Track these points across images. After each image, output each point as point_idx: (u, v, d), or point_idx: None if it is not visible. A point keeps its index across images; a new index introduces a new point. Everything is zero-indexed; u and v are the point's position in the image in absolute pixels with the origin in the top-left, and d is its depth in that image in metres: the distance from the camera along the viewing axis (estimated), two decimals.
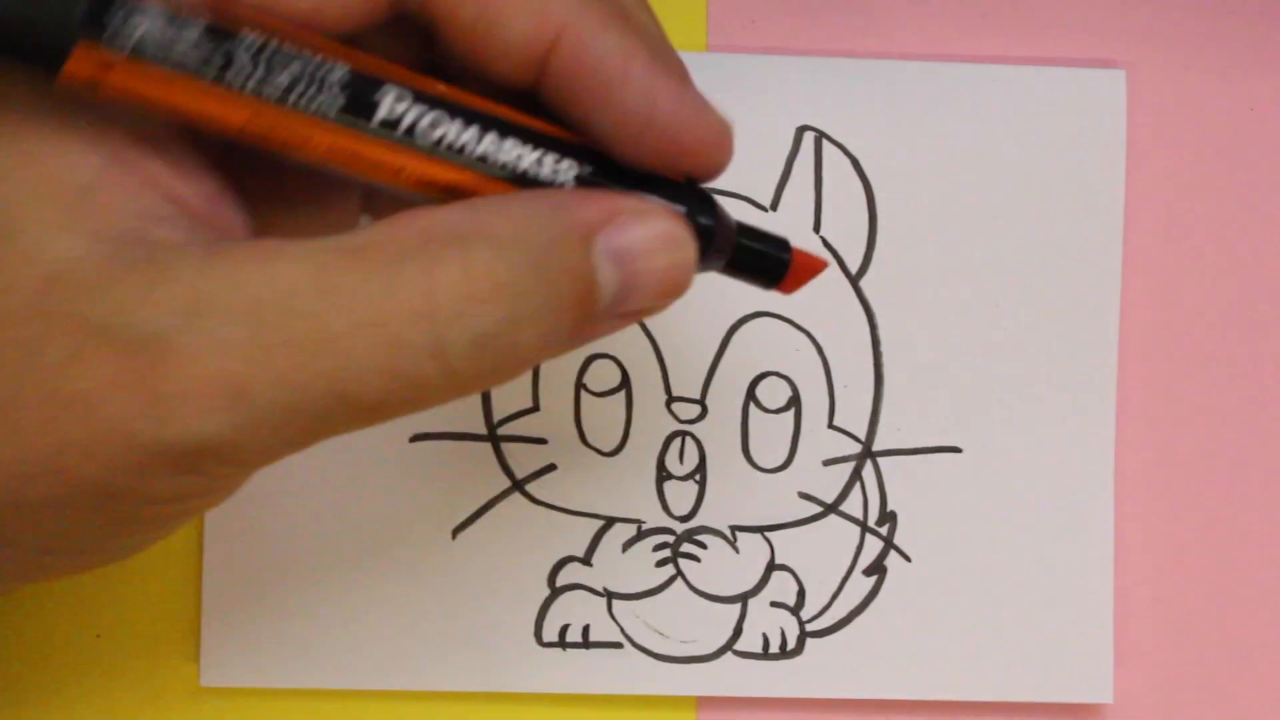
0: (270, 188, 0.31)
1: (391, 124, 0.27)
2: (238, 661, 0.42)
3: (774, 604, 0.42)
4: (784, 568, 0.42)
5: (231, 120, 0.27)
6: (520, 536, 0.42)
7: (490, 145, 0.28)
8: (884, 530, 0.42)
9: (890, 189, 0.43)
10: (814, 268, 0.32)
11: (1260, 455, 0.43)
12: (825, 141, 0.42)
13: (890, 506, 0.43)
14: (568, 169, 0.28)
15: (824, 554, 0.42)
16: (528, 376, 0.42)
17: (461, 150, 0.28)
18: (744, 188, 0.42)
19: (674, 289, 0.29)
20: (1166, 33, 0.43)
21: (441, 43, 0.29)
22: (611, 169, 0.29)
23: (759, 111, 0.42)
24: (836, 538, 0.43)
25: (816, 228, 0.42)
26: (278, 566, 0.42)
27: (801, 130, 0.42)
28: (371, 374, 0.27)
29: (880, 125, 0.42)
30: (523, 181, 0.28)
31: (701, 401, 0.42)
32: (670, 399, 0.42)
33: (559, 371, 0.42)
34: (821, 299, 0.42)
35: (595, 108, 0.28)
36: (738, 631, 0.42)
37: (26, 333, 0.26)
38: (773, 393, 0.43)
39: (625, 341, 0.42)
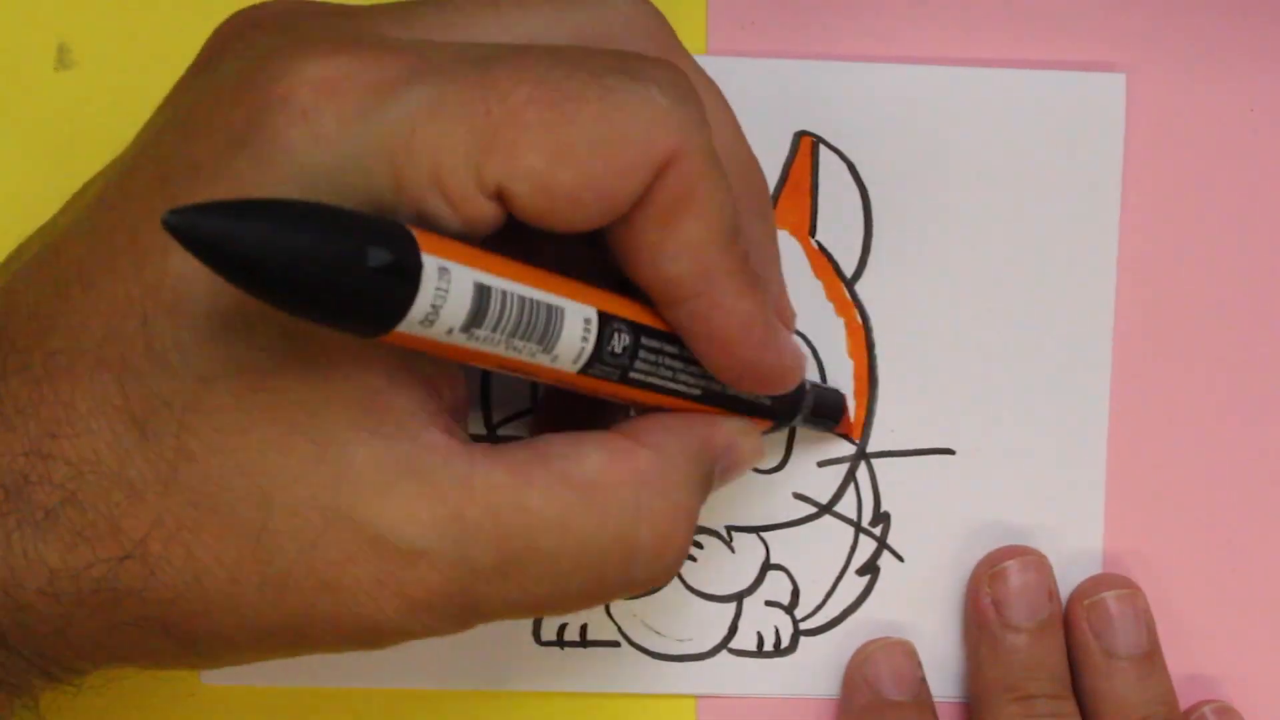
0: None
1: (611, 362, 0.32)
2: None
3: (769, 603, 0.43)
4: (779, 567, 0.43)
5: (485, 364, 0.30)
6: None
7: (669, 381, 0.34)
8: (877, 531, 0.43)
9: (887, 193, 0.43)
10: (851, 425, 0.43)
11: (1255, 459, 0.43)
12: (822, 146, 0.43)
13: (884, 507, 0.43)
14: (697, 388, 0.35)
15: (818, 554, 0.43)
16: None
17: (648, 384, 0.33)
18: None
19: (742, 475, 0.37)
20: (1166, 35, 0.43)
21: (610, 249, 0.32)
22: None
23: (757, 115, 0.42)
24: (830, 538, 0.43)
25: (812, 232, 0.43)
26: None
27: (799, 135, 0.43)
28: (572, 599, 0.32)
29: (878, 129, 0.43)
30: (674, 395, 0.34)
31: None
32: None
33: None
34: (816, 302, 0.43)
35: (709, 353, 0.33)
36: (733, 630, 0.43)
37: (310, 524, 0.30)
38: None
39: None
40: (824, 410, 0.41)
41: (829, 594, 0.43)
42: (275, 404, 0.29)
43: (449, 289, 0.28)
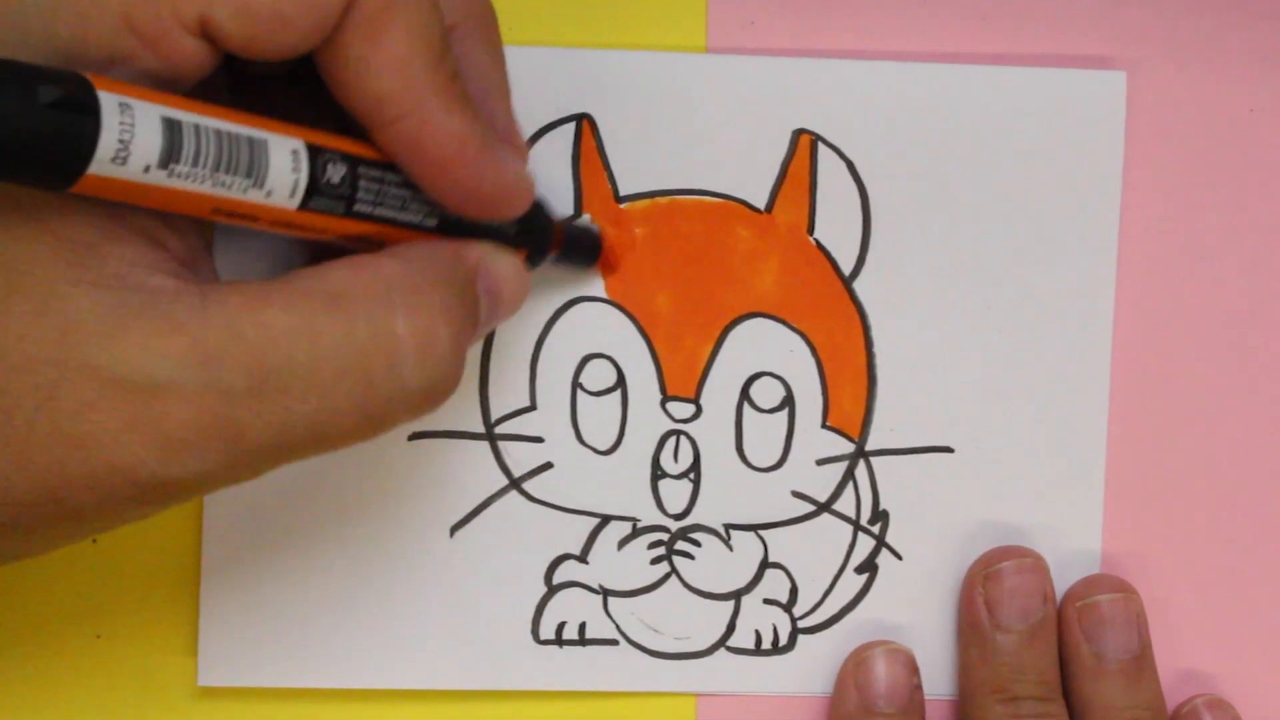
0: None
1: (331, 194, 0.32)
2: (236, 661, 0.42)
3: (767, 601, 0.43)
4: (777, 565, 0.43)
5: (196, 213, 0.30)
6: (517, 534, 0.43)
7: (399, 212, 0.34)
8: (876, 529, 0.43)
9: (885, 191, 0.43)
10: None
11: (1254, 458, 0.43)
12: (821, 144, 0.42)
13: (882, 505, 0.43)
14: (432, 217, 0.35)
15: (816, 552, 0.43)
16: (525, 375, 0.42)
17: (376, 216, 0.33)
18: (740, 190, 0.42)
19: (515, 310, 0.36)
20: (1167, 33, 0.43)
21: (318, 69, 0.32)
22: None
23: (756, 113, 0.42)
24: (829, 536, 0.43)
25: (810, 230, 0.43)
26: (276, 566, 0.42)
27: (798, 133, 0.42)
28: (347, 415, 0.31)
29: (877, 127, 0.43)
30: (409, 227, 0.34)
31: (696, 401, 0.43)
32: (665, 398, 0.43)
33: (555, 371, 0.42)
34: (815, 300, 0.43)
35: (429, 176, 0.33)
36: (731, 628, 0.43)
37: (42, 379, 0.29)
38: (767, 392, 0.43)
39: (621, 342, 0.42)
40: (578, 245, 0.41)
41: (827, 592, 0.43)
42: None
43: (134, 124, 0.28)
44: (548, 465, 0.43)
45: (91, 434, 0.29)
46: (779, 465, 0.43)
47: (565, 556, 0.43)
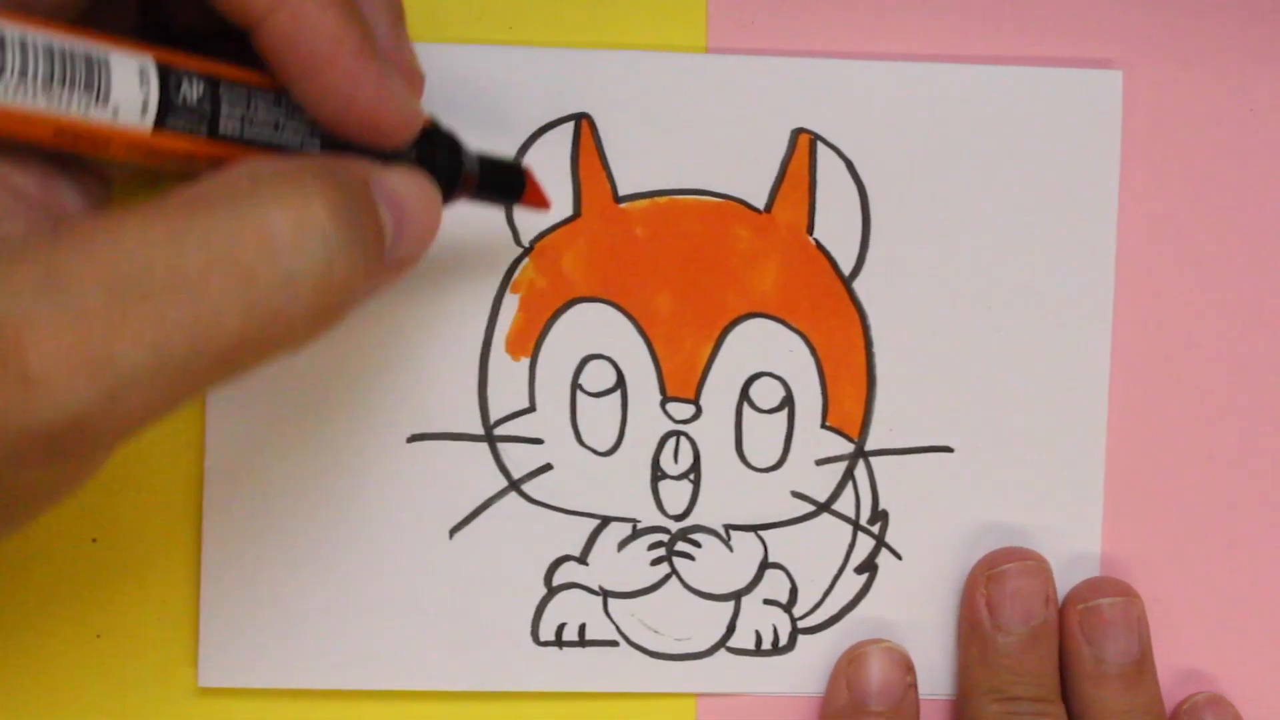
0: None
1: (189, 115, 0.30)
2: (236, 662, 0.42)
3: (767, 601, 0.43)
4: (777, 566, 0.43)
5: (39, 137, 0.28)
6: (517, 536, 0.43)
7: (273, 134, 0.32)
8: (876, 529, 0.43)
9: (885, 190, 0.43)
10: (538, 195, 0.40)
11: (1254, 457, 0.43)
12: (820, 144, 0.43)
13: (882, 505, 0.43)
14: (314, 140, 0.33)
15: (816, 552, 0.43)
16: (524, 377, 0.42)
17: (247, 138, 0.32)
18: (739, 190, 0.42)
19: (431, 230, 0.34)
20: (1165, 33, 0.43)
21: None
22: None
23: (755, 113, 0.42)
24: (829, 536, 0.43)
25: (810, 230, 0.43)
26: (276, 567, 0.42)
27: (797, 133, 0.42)
28: (228, 314, 0.28)
29: (876, 127, 0.43)
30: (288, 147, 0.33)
31: (696, 402, 0.43)
32: (665, 399, 0.43)
33: (555, 372, 0.42)
34: (815, 300, 0.43)
35: (303, 79, 0.31)
36: (731, 629, 0.43)
37: None
38: (766, 393, 0.43)
39: (620, 342, 0.42)
40: (497, 180, 0.38)
41: (827, 592, 0.43)
42: None
43: None
44: (547, 467, 0.43)
45: None
46: (779, 465, 0.43)
47: (565, 558, 0.43)
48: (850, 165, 0.43)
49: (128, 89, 0.29)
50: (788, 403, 0.43)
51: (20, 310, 0.26)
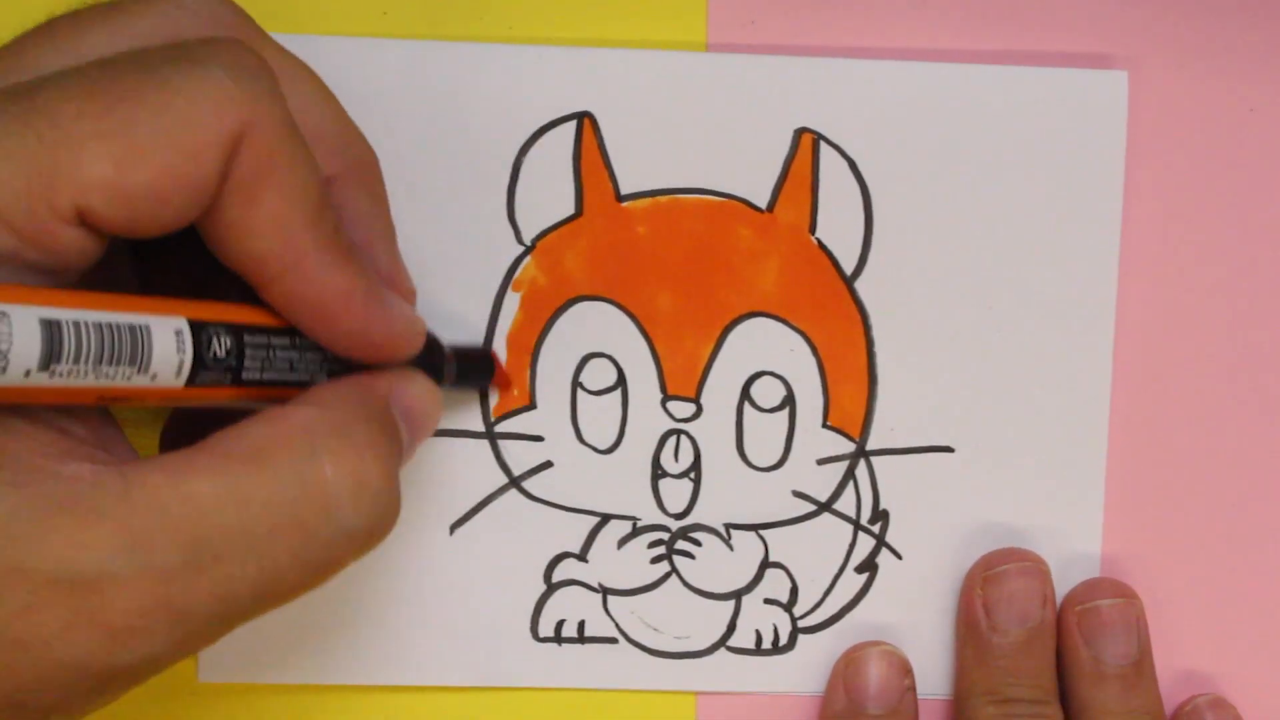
0: None
1: (217, 368, 0.32)
2: (235, 657, 0.42)
3: (767, 600, 0.43)
4: (777, 565, 0.43)
5: (83, 401, 0.30)
6: (517, 532, 0.43)
7: (287, 374, 0.33)
8: (876, 528, 0.43)
9: (887, 190, 0.43)
10: (506, 378, 0.42)
11: (1255, 458, 0.43)
12: (823, 143, 0.42)
13: (883, 505, 0.43)
14: (323, 365, 0.34)
15: (817, 551, 0.43)
16: (525, 374, 0.42)
17: (265, 380, 0.33)
18: (741, 189, 0.42)
19: (434, 427, 0.37)
20: (1168, 33, 0.43)
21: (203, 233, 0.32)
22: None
23: (758, 113, 0.42)
24: (829, 535, 0.43)
25: (812, 229, 0.43)
26: None
27: (799, 132, 0.42)
28: (289, 570, 0.31)
29: (879, 126, 0.43)
30: (298, 387, 0.34)
31: (696, 400, 0.43)
32: (665, 398, 0.43)
33: (556, 370, 0.43)
34: (816, 300, 0.43)
35: (314, 328, 0.33)
36: (731, 627, 0.43)
37: None
38: (767, 392, 0.43)
39: (621, 340, 0.42)
40: (470, 371, 0.41)
41: (827, 592, 0.43)
42: None
43: (12, 332, 0.27)
44: (547, 464, 0.43)
45: (35, 635, 0.28)
46: (779, 465, 0.43)
47: (565, 555, 0.43)
48: (853, 165, 0.43)
49: (166, 355, 0.30)
50: (789, 402, 0.43)
51: (104, 568, 0.28)
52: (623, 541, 0.43)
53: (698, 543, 0.43)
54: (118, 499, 0.29)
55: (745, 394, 0.43)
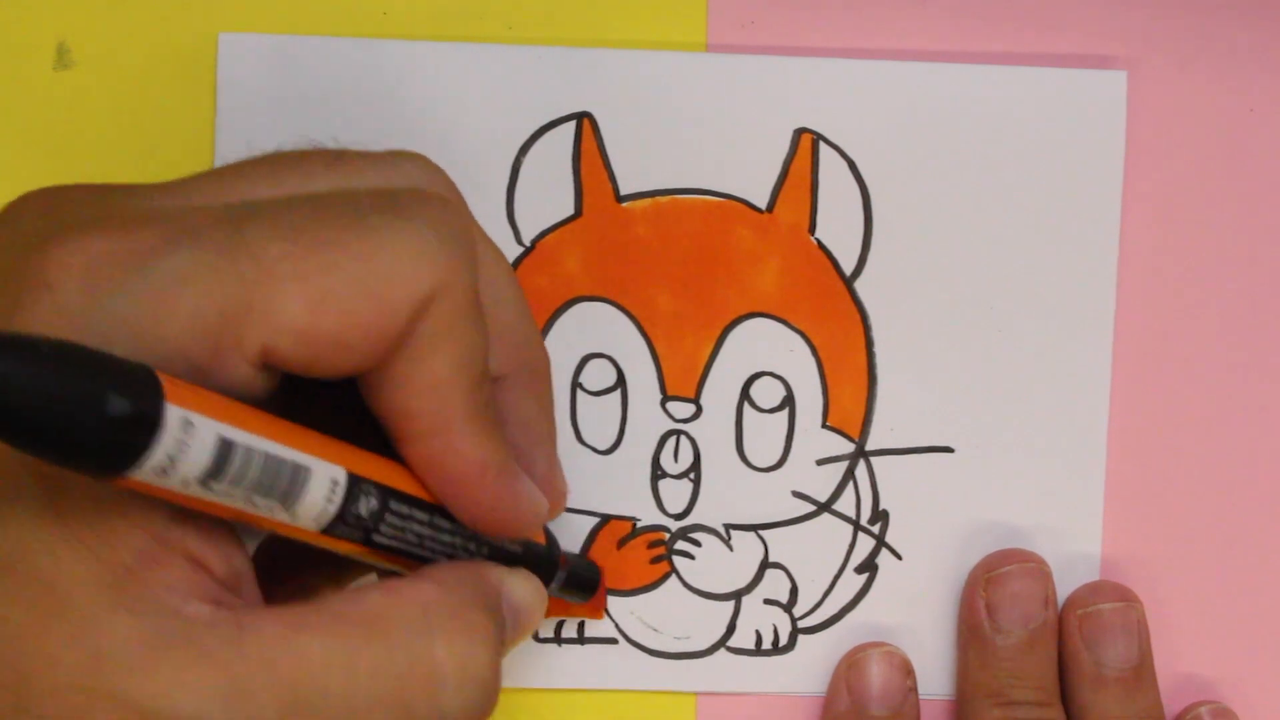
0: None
1: (355, 525, 0.31)
2: None
3: (767, 601, 0.43)
4: (777, 565, 0.43)
5: (219, 514, 0.29)
6: None
7: (413, 548, 0.33)
8: (876, 529, 0.43)
9: (887, 190, 0.43)
10: (602, 603, 0.43)
11: (1255, 459, 0.43)
12: (822, 143, 0.43)
13: (882, 505, 0.43)
14: (448, 548, 0.34)
15: (817, 552, 0.43)
16: None
17: (389, 548, 0.32)
18: (741, 190, 0.43)
19: (533, 630, 0.36)
20: (1168, 33, 0.43)
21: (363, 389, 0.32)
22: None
23: (757, 113, 0.42)
24: (829, 536, 0.43)
25: (812, 229, 0.43)
26: None
27: (799, 133, 0.42)
28: None
29: (878, 126, 0.43)
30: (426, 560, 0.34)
31: (696, 401, 0.43)
32: (665, 398, 0.43)
33: (555, 370, 0.42)
34: (816, 300, 0.43)
35: (444, 491, 0.33)
36: (731, 628, 0.43)
37: (69, 706, 0.28)
38: (767, 392, 0.43)
39: (621, 341, 0.42)
40: (578, 581, 0.41)
41: (827, 592, 0.43)
42: (23, 588, 0.28)
43: (191, 441, 0.27)
44: None
45: None
46: (779, 465, 0.43)
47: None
48: (852, 165, 0.43)
49: (315, 501, 0.30)
50: (788, 402, 0.43)
51: (197, 711, 0.28)
52: (622, 542, 0.43)
53: (697, 543, 0.43)
54: (228, 644, 0.29)
55: (745, 394, 0.43)
